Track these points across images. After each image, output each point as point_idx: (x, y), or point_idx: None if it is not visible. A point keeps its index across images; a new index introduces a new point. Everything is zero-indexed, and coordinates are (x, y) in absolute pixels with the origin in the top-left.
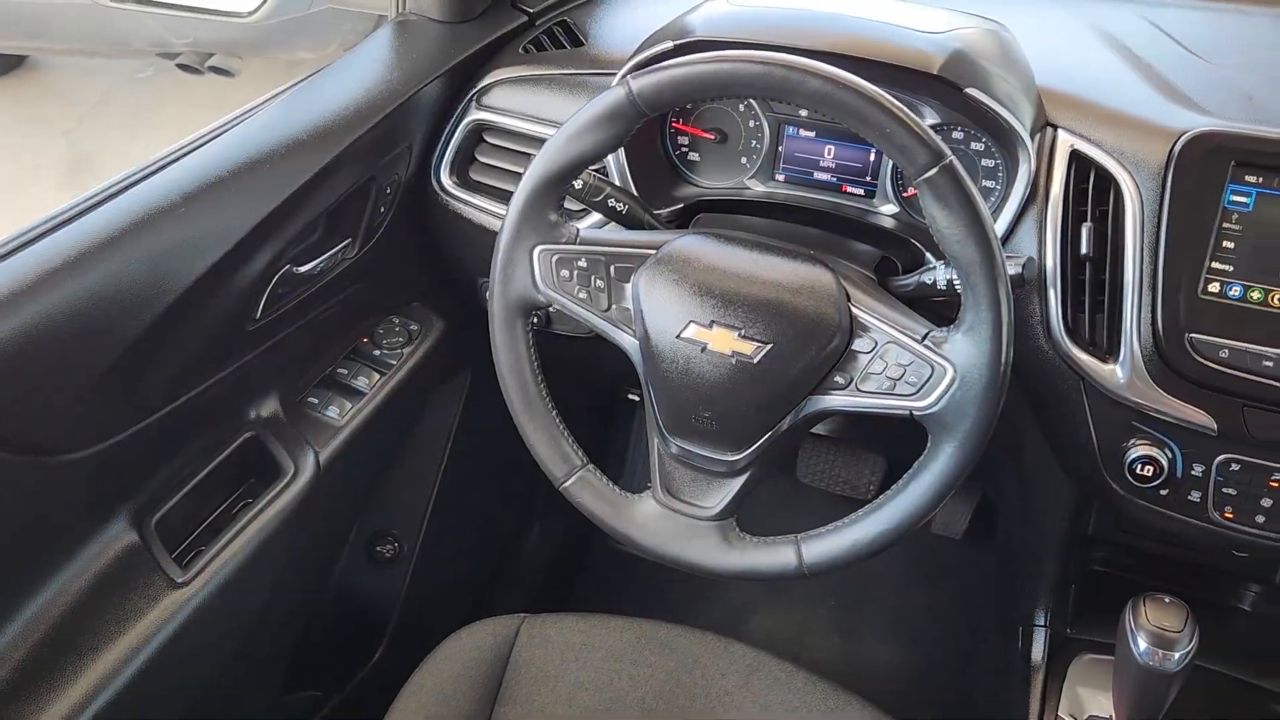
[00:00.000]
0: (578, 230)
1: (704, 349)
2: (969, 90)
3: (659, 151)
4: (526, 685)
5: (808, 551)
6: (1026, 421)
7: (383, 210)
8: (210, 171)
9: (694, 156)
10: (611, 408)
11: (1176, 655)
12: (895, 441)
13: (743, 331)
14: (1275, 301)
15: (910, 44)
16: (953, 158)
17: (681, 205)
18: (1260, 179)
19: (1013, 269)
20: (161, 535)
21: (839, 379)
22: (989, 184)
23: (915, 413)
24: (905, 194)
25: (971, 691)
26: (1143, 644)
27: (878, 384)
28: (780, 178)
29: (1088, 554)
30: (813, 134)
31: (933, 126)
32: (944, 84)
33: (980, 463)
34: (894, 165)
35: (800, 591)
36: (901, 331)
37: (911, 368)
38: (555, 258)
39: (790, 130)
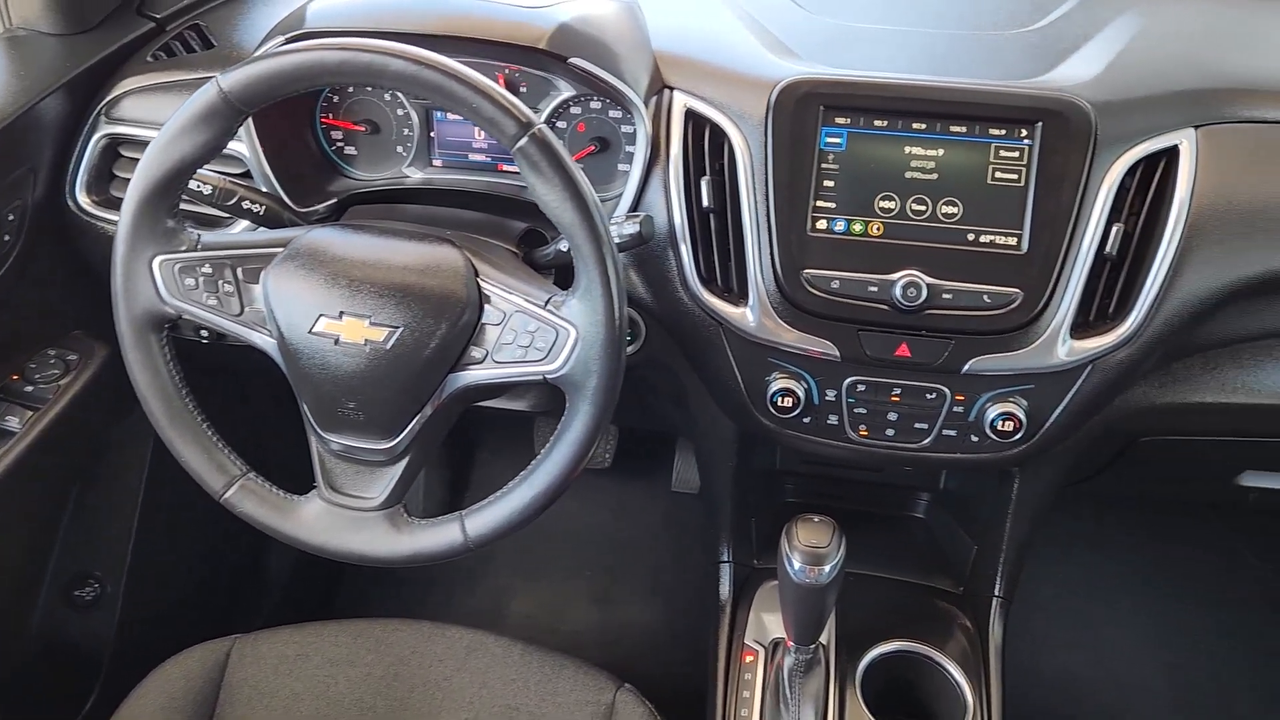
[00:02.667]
0: (198, 236)
1: (337, 341)
2: (573, 60)
3: (310, 148)
4: (240, 707)
5: (471, 525)
6: (685, 369)
7: (8, 238)
8: None
9: (350, 150)
10: None
11: (826, 568)
12: (624, 411)
13: (373, 319)
14: (874, 231)
15: (517, 20)
16: (541, 126)
17: (336, 200)
18: (849, 119)
19: (632, 227)
20: None
21: (475, 353)
22: (630, 149)
23: (547, 376)
24: None
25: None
26: (797, 563)
27: (511, 353)
28: (437, 163)
29: (780, 488)
30: (460, 117)
31: (569, 98)
32: (551, 56)
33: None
34: None
35: (556, 567)
36: (525, 299)
37: (539, 334)
38: (177, 266)
39: (439, 115)
